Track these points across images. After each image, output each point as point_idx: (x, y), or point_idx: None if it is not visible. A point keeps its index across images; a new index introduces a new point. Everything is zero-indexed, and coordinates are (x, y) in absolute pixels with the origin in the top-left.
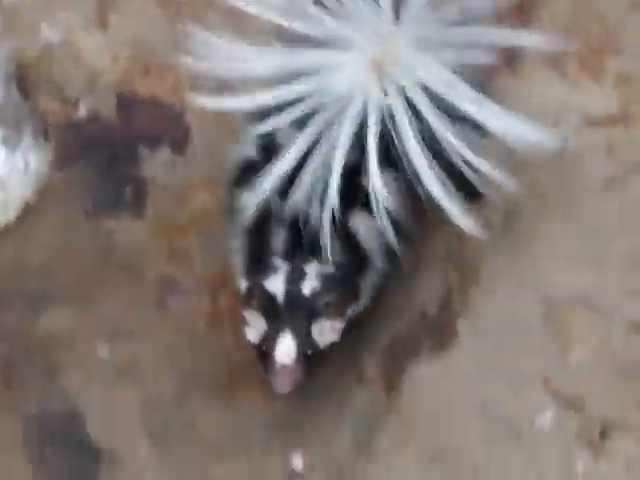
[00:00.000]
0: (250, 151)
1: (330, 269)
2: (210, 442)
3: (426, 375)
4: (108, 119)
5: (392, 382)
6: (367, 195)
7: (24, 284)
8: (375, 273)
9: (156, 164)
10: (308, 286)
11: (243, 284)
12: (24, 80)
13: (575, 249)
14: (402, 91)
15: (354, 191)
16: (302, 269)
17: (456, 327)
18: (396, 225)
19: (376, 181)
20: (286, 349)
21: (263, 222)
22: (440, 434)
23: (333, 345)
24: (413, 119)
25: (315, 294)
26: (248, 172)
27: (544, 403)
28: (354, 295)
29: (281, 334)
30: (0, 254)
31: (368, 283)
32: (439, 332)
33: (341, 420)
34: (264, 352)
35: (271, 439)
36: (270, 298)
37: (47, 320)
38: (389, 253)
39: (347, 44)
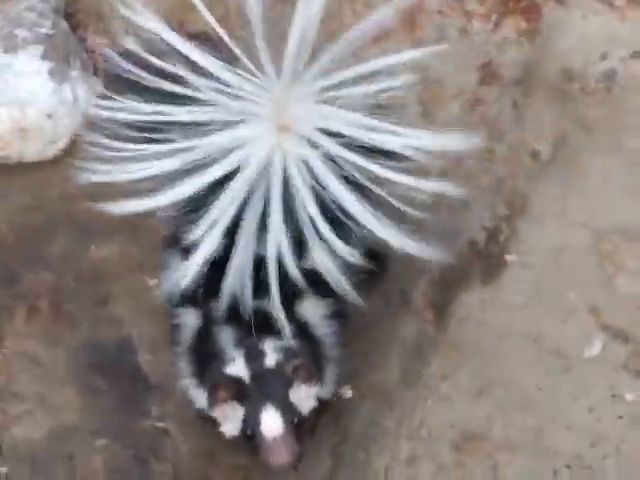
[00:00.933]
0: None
1: (288, 342)
2: None
3: (475, 305)
4: None
5: (441, 312)
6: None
7: (72, 215)
8: (332, 361)
9: None
10: (271, 359)
11: (200, 396)
12: (73, 14)
13: (623, 180)
14: (301, 156)
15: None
16: (259, 347)
17: (505, 258)
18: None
19: (317, 256)
20: (272, 421)
21: (203, 328)
22: (489, 364)
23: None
24: (313, 183)
25: (281, 364)
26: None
27: (592, 333)
28: (318, 364)
29: (262, 410)
30: (49, 184)
31: (328, 370)
32: (488, 263)
33: (390, 350)
34: (250, 437)
35: None
36: (237, 382)
37: (96, 250)
38: (341, 337)
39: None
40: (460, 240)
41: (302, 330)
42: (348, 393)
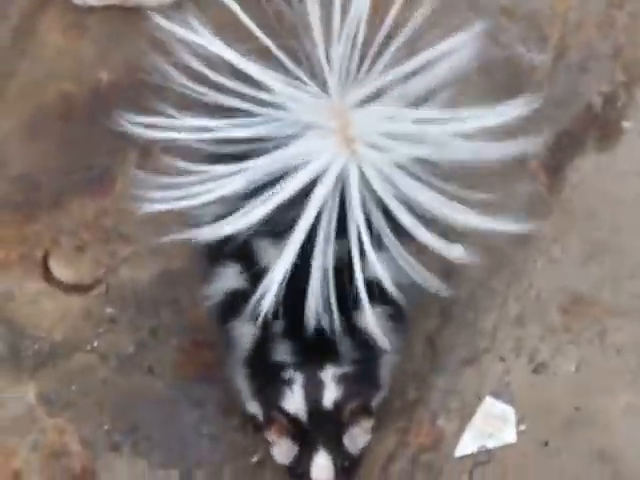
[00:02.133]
0: (234, 282)
1: (346, 369)
2: None
3: (589, 171)
4: None
5: (555, 176)
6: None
7: None
8: (389, 357)
9: None
10: (329, 398)
11: (254, 407)
12: None
13: None
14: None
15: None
16: (318, 378)
17: (622, 125)
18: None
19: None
20: (323, 467)
21: (262, 342)
22: (601, 230)
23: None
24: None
25: (338, 404)
26: (235, 303)
27: None
28: (376, 388)
29: (314, 454)
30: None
31: (386, 370)
32: (605, 128)
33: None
34: (299, 474)
35: None
36: (293, 420)
37: None
38: (398, 333)
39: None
40: (577, 104)
41: (362, 340)
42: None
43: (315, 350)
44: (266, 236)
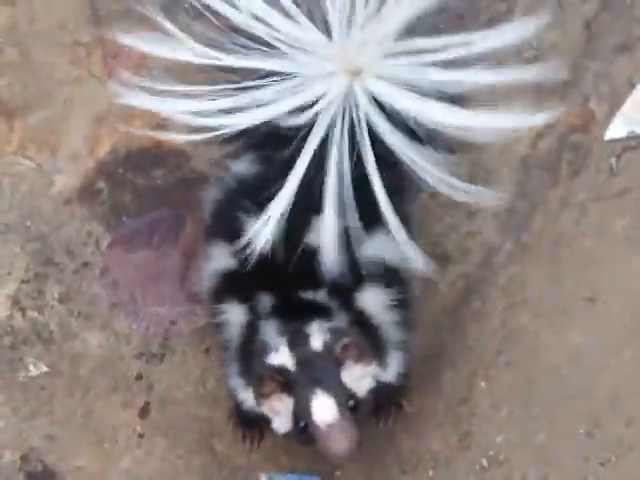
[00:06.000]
0: (227, 262)
1: (335, 323)
2: None
3: None
4: None
5: None
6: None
7: None
8: (395, 347)
9: None
10: (318, 341)
11: (248, 398)
12: None
13: None
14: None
15: (357, 265)
16: (302, 332)
17: None
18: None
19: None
20: (325, 407)
21: (250, 324)
22: None
23: None
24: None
25: (328, 344)
26: (229, 284)
27: None
28: (374, 344)
29: (312, 397)
30: None
31: (390, 356)
32: None
33: None
34: (305, 428)
35: None
36: (282, 371)
37: None
38: (405, 322)
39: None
40: None
41: (360, 320)
42: None
43: (302, 314)
44: (258, 215)
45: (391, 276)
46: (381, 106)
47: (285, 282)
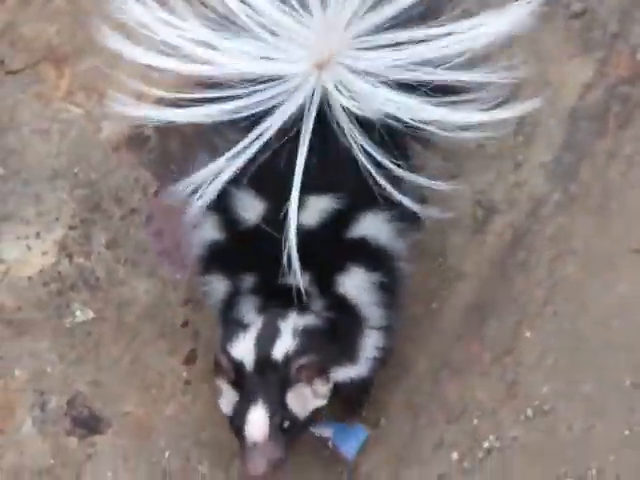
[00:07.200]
0: (213, 233)
1: (311, 322)
2: None
3: None
4: None
5: None
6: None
7: None
8: (376, 333)
9: None
10: (280, 348)
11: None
12: None
13: None
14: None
15: (339, 247)
16: (276, 325)
17: None
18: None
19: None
20: (257, 425)
21: (231, 296)
22: None
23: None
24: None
25: (288, 357)
26: (215, 255)
27: None
28: (346, 358)
29: (251, 406)
30: None
31: (369, 346)
32: None
33: None
34: (236, 427)
35: None
36: (238, 366)
37: None
38: (391, 306)
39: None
40: None
41: (338, 305)
42: None
43: (283, 300)
44: (246, 188)
45: (376, 257)
46: (350, 93)
47: (269, 263)
